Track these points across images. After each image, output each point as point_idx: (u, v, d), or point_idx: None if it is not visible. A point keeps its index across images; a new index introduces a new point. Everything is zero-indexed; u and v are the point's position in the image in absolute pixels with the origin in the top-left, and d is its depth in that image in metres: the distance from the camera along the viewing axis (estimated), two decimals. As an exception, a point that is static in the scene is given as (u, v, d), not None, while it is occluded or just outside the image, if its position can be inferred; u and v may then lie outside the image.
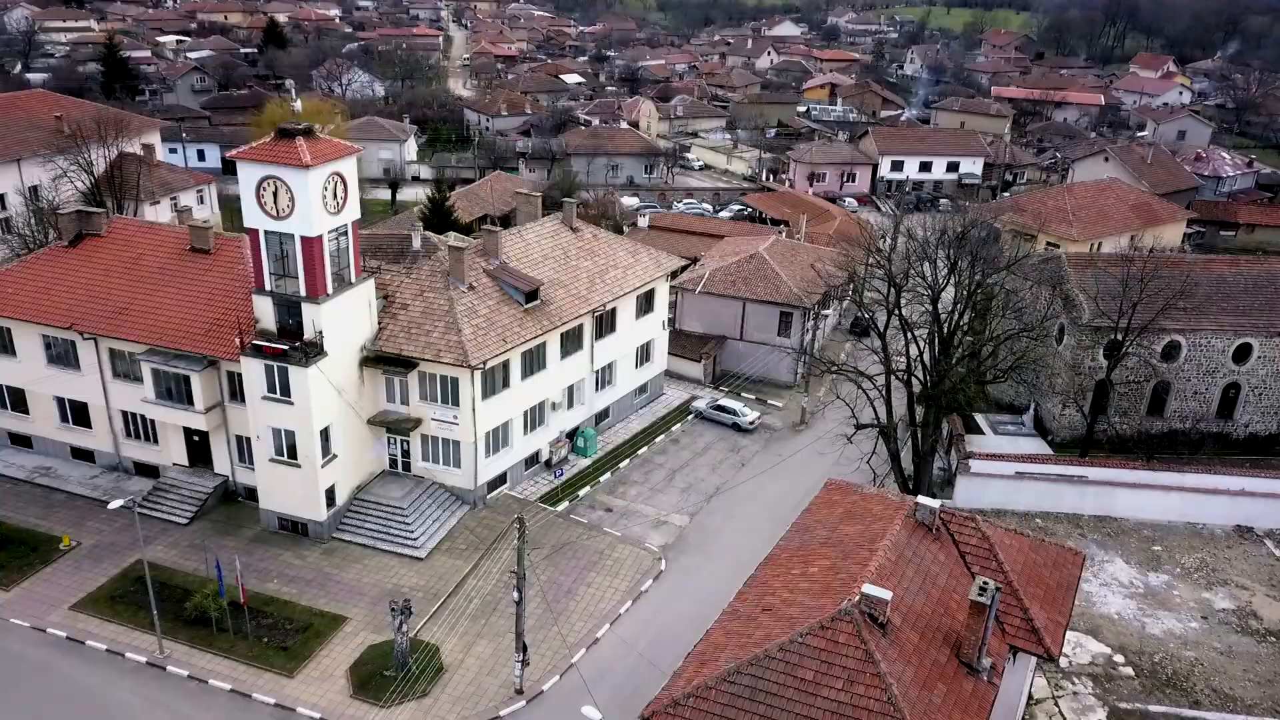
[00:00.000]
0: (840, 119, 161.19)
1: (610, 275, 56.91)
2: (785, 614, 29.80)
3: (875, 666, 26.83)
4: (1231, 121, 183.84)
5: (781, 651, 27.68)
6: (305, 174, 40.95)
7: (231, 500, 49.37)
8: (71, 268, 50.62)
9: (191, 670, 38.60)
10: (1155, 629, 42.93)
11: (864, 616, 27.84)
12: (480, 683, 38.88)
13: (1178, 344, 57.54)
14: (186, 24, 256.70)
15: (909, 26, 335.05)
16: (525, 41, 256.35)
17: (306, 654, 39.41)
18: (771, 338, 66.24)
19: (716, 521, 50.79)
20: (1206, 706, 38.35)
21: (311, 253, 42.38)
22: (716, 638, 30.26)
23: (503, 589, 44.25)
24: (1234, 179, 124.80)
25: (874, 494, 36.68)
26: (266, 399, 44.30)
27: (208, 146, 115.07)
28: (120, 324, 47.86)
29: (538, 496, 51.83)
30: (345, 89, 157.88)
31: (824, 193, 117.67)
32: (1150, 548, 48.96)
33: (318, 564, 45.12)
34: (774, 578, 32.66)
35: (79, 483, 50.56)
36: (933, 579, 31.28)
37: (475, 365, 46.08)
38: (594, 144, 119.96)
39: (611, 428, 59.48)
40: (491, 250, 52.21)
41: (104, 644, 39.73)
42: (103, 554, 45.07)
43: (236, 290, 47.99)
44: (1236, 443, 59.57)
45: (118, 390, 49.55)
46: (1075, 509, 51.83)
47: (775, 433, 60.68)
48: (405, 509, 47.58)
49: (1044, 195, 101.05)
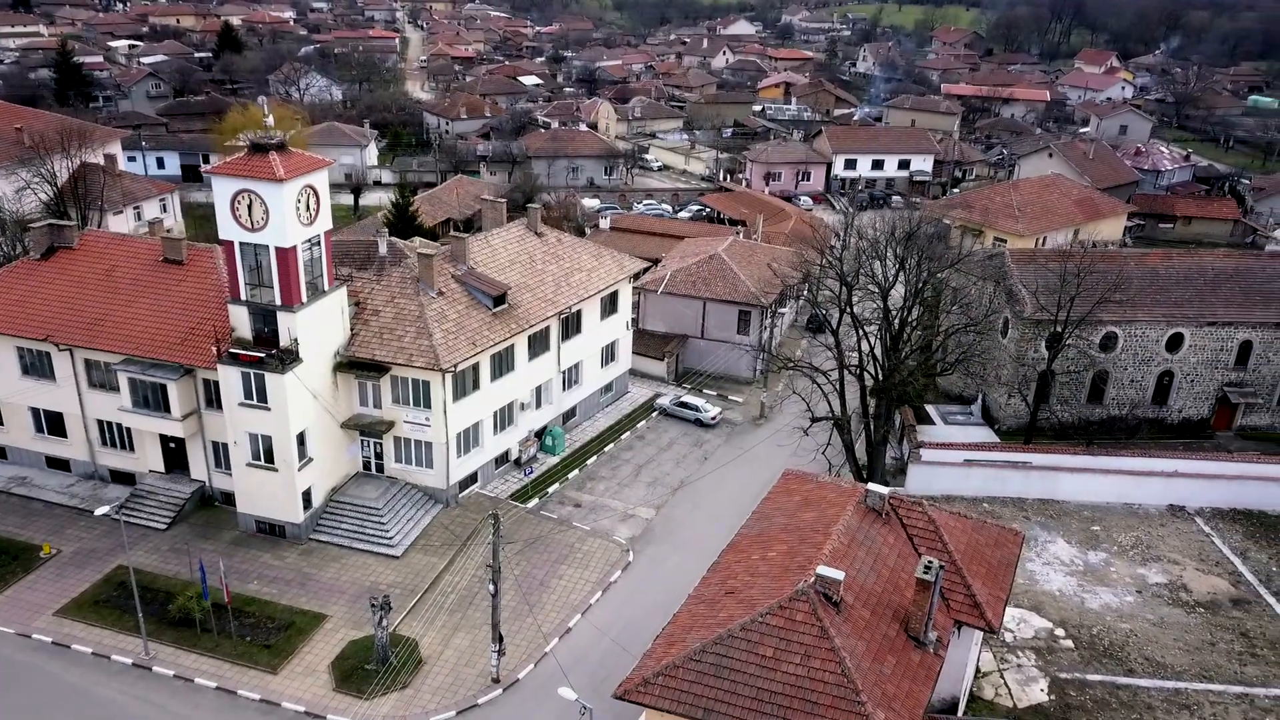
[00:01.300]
0: (795, 118, 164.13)
1: (575, 278, 58.78)
2: (747, 595, 31.97)
3: (830, 642, 29.05)
4: (1171, 115, 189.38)
5: (744, 630, 29.83)
6: (279, 187, 42.38)
7: (209, 505, 50.62)
8: (44, 280, 51.50)
9: (177, 670, 39.97)
10: (1094, 604, 45.69)
11: (819, 596, 30.08)
12: (459, 673, 40.64)
13: (1114, 335, 60.60)
14: (138, 28, 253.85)
15: (862, 24, 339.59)
16: (482, 43, 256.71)
17: (289, 651, 40.92)
18: (731, 336, 68.49)
19: (681, 513, 52.88)
20: (1140, 674, 41.08)
21: (286, 263, 43.81)
22: (683, 620, 32.36)
23: (478, 583, 46.02)
24: (1172, 172, 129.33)
25: (829, 483, 38.99)
26: (244, 405, 45.64)
27: (167, 154, 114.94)
28: (96, 335, 48.91)
29: (509, 494, 53.61)
30: (304, 94, 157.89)
31: (780, 192, 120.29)
32: (1090, 528, 51.83)
33: (296, 564, 46.57)
34: (735, 562, 34.82)
35: (56, 491, 51.51)
36: (883, 560, 33.61)
37: (446, 369, 47.75)
38: (554, 147, 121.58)
39: (579, 426, 61.35)
40: (459, 256, 53.86)
41: (90, 647, 40.94)
42: (84, 560, 46.17)
43: (210, 300, 49.26)
44: (1171, 427, 62.84)
45: (94, 400, 50.58)
46: (1020, 493, 54.58)
47: (736, 427, 62.93)
48: (381, 509, 49.14)
49: (991, 191, 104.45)
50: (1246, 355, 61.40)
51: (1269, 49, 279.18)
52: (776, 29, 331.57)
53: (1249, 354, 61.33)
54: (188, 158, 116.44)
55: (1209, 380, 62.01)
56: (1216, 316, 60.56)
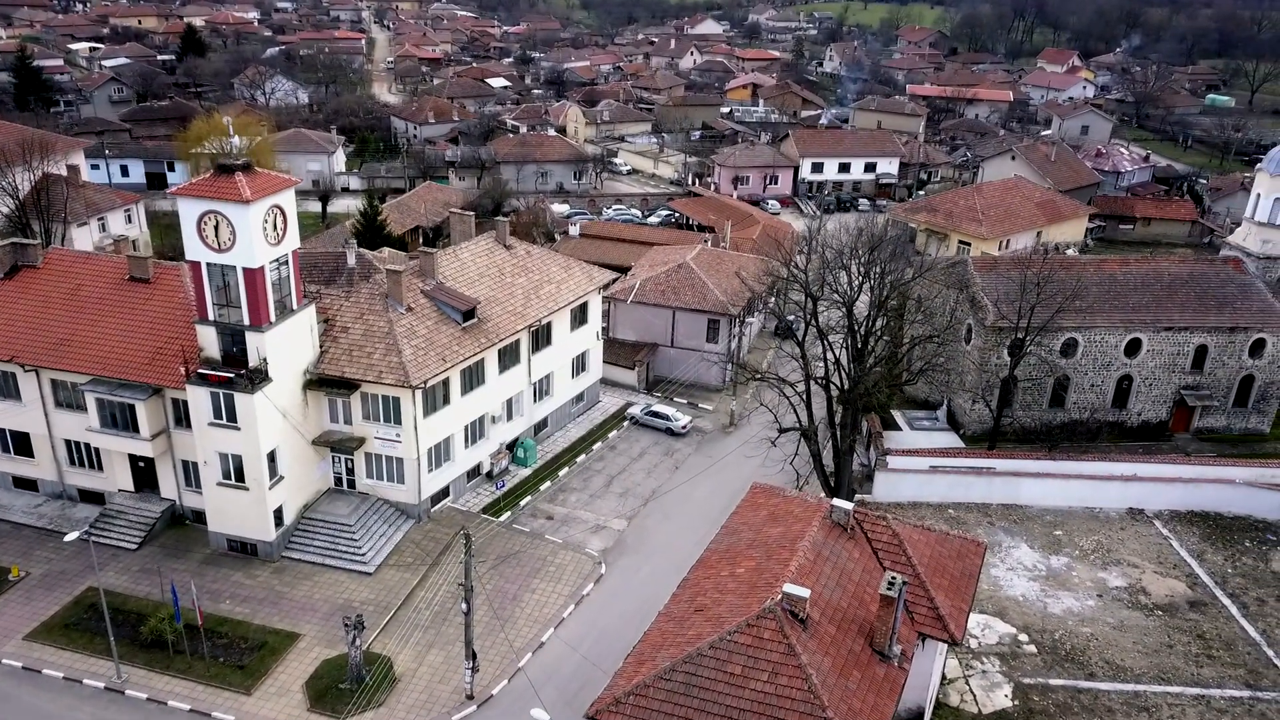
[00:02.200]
0: (762, 120, 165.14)
1: (545, 290, 59.14)
2: (715, 613, 32.56)
3: (797, 659, 29.71)
4: (1131, 115, 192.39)
5: (712, 649, 30.43)
6: (245, 209, 42.40)
7: (179, 524, 50.53)
8: (8, 300, 51.11)
9: (150, 693, 39.99)
10: (1056, 608, 46.77)
11: (786, 613, 30.73)
12: (433, 690, 40.95)
13: (1075, 341, 61.82)
14: (99, 29, 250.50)
15: (828, 23, 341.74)
16: (450, 44, 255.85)
17: (263, 671, 41.05)
18: (701, 344, 69.13)
19: (653, 524, 53.44)
20: (1101, 677, 42.17)
21: (254, 283, 43.84)
22: (653, 638, 32.89)
23: (451, 599, 46.34)
24: (1132, 173, 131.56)
25: (795, 497, 39.67)
26: (213, 425, 45.64)
27: (131, 162, 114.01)
28: (63, 355, 48.66)
29: (480, 508, 53.91)
30: (269, 97, 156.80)
31: (748, 196, 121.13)
32: (1052, 532, 52.96)
33: (269, 583, 46.64)
34: (704, 579, 35.41)
35: (23, 512, 51.20)
36: (848, 575, 34.33)
37: (416, 385, 47.99)
38: (523, 152, 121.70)
39: (550, 437, 61.75)
40: (428, 271, 54.06)
41: (61, 671, 40.86)
42: (53, 583, 45.99)
43: (178, 319, 49.13)
44: (1130, 430, 64.17)
45: (61, 419, 50.32)
46: (984, 498, 55.63)
47: (706, 435, 63.59)
48: (352, 525, 49.30)
49: (955, 195, 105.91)
50: (1203, 359, 62.83)
51: (1225, 47, 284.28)
52: (744, 28, 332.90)
53: (1205, 358, 62.75)
54: (152, 165, 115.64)
55: (1167, 384, 63.41)
56: (1173, 322, 61.94)
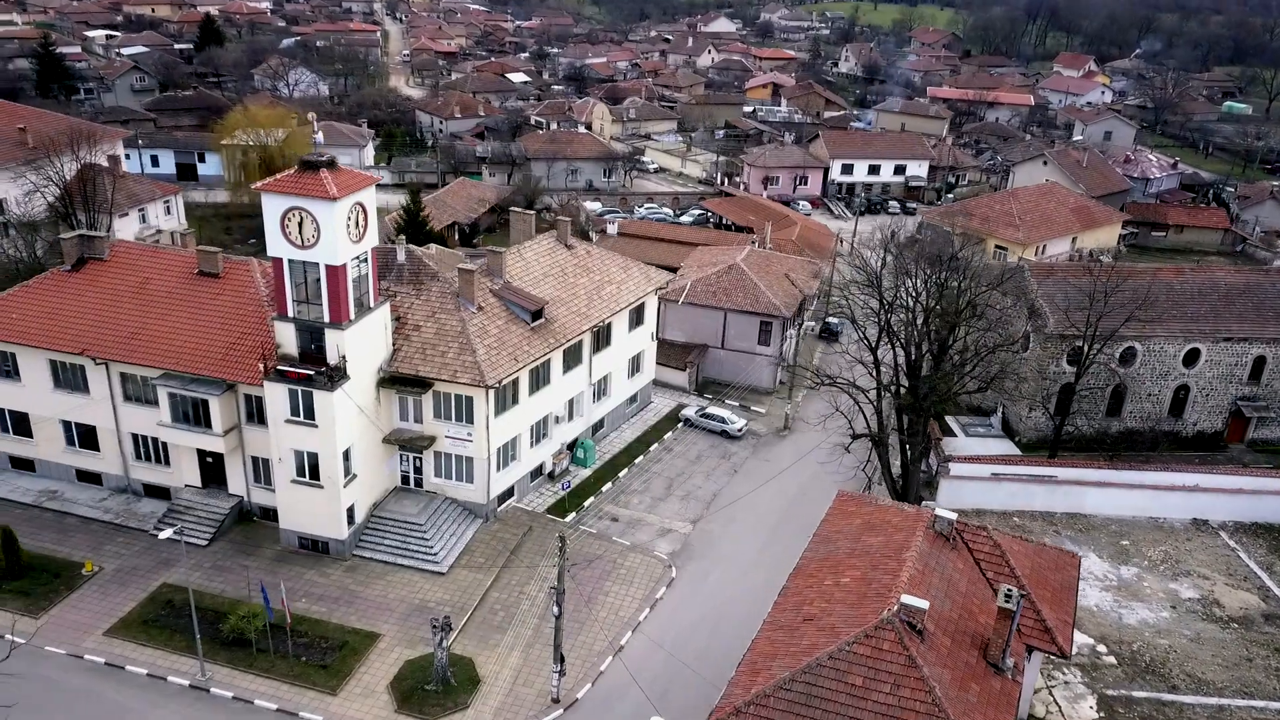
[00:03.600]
0: (786, 120, 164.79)
1: (606, 291, 58.93)
2: (826, 623, 32.39)
3: (919, 671, 29.54)
4: (1151, 121, 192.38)
5: (831, 660, 30.24)
6: (331, 206, 42.14)
7: (247, 520, 50.28)
8: (77, 292, 50.81)
9: (235, 691, 39.76)
10: (1131, 619, 46.67)
11: (904, 625, 30.55)
12: (516, 693, 40.77)
13: (1134, 349, 61.75)
14: (112, 17, 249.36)
15: (840, 23, 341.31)
16: (464, 37, 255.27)
17: (346, 671, 40.84)
18: (752, 346, 68.95)
19: (717, 528, 53.25)
20: (1183, 690, 42.06)
21: (336, 280, 43.58)
22: (763, 646, 32.69)
23: (525, 600, 46.27)
24: (1160, 180, 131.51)
25: (888, 505, 39.52)
26: (290, 422, 45.36)
27: (161, 152, 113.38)
28: (134, 349, 48.35)
29: (545, 508, 53.72)
30: (292, 89, 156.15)
31: (777, 196, 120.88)
32: (1119, 542, 52.87)
33: (342, 581, 46.41)
34: (806, 587, 35.22)
35: (89, 506, 50.90)
36: (955, 586, 34.18)
37: (491, 385, 47.78)
38: (553, 148, 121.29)
39: (606, 437, 61.55)
40: (496, 270, 53.83)
41: (144, 668, 40.61)
42: (126, 578, 45.72)
43: (250, 314, 48.90)
44: (1186, 440, 64.16)
45: (129, 413, 50.02)
46: (1047, 507, 55.49)
47: (761, 438, 63.42)
48: (423, 524, 49.07)
49: (990, 200, 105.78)
50: (1260, 370, 62.79)
51: (1239, 54, 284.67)
52: (756, 27, 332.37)
53: (1263, 369, 62.71)
54: (182, 156, 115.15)
55: (1223, 394, 63.37)
56: (1232, 332, 61.91)
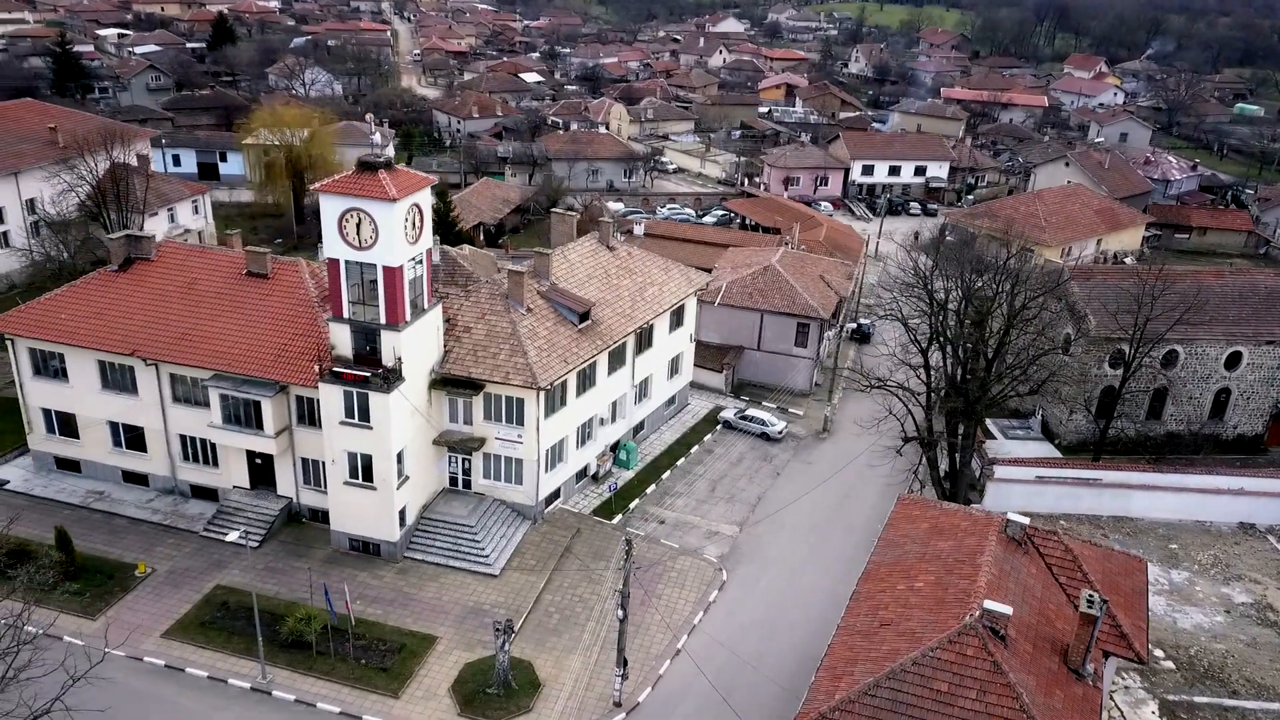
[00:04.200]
0: (802, 120, 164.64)
1: (649, 292, 58.79)
2: (905, 628, 32.25)
3: (1005, 677, 29.40)
4: (1164, 123, 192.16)
5: (915, 665, 30.10)
6: (390, 207, 42.01)
7: (296, 521, 50.12)
8: (125, 293, 50.65)
9: (297, 694, 39.58)
10: (1185, 623, 46.58)
11: (987, 630, 30.41)
12: (578, 696, 40.60)
13: (1176, 352, 61.61)
14: (122, 15, 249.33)
15: (847, 24, 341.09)
16: (473, 37, 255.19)
17: (407, 674, 40.67)
18: (789, 348, 68.79)
19: (764, 531, 53.07)
20: (1244, 695, 41.99)
21: (393, 282, 43.44)
22: (841, 652, 32.57)
23: (579, 602, 46.13)
24: (1180, 182, 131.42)
25: (953, 509, 39.37)
26: (344, 424, 45.19)
27: (183, 151, 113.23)
28: (184, 350, 48.18)
29: (591, 510, 53.57)
30: (308, 89, 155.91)
31: (798, 196, 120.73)
32: (1168, 546, 52.76)
33: (395, 584, 46.25)
34: (879, 592, 35.08)
35: (136, 507, 50.74)
36: (1030, 591, 34.05)
37: (543, 387, 47.63)
38: (574, 149, 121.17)
39: (646, 439, 61.37)
40: (543, 272, 53.67)
41: (204, 671, 40.46)
42: (179, 580, 45.56)
43: (300, 315, 48.76)
44: (1226, 443, 64.00)
45: (178, 415, 49.86)
46: (1094, 510, 55.43)
47: (801, 441, 63.26)
48: (474, 526, 48.92)
49: (1016, 201, 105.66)
50: (1301, 373, 62.75)
51: (1248, 56, 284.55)
52: (764, 27, 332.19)
53: (1304, 372, 62.67)
54: (204, 155, 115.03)
55: (1264, 397, 63.23)
56: (1275, 336, 61.75)
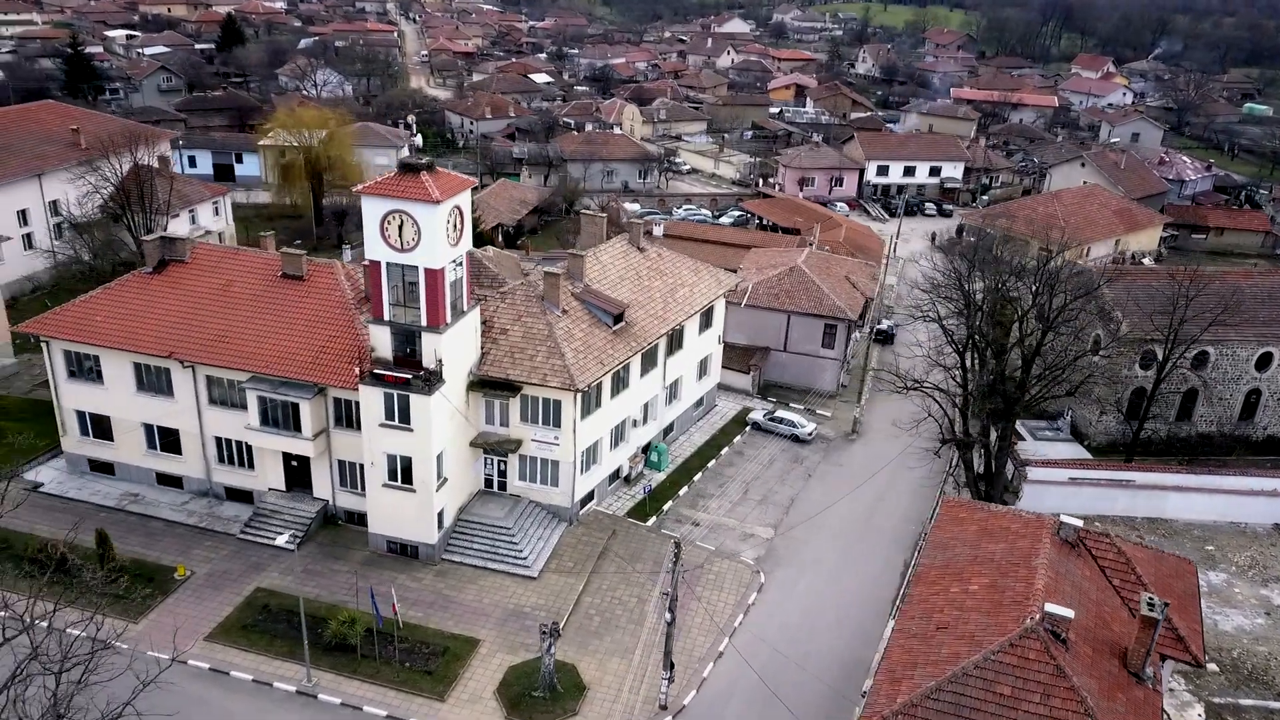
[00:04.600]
0: (813, 121, 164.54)
1: (680, 294, 58.70)
2: (963, 631, 32.13)
3: (1068, 680, 29.27)
4: (1174, 123, 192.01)
5: (977, 668, 29.98)
6: (434, 209, 41.89)
7: (331, 524, 50.02)
8: (160, 295, 50.55)
9: (343, 697, 39.46)
10: (1227, 625, 46.45)
11: (1048, 634, 30.29)
12: (623, 699, 40.49)
13: (1206, 353, 61.49)
14: (129, 17, 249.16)
15: (852, 24, 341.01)
16: (480, 37, 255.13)
17: (451, 677, 40.55)
18: (816, 349, 68.69)
19: (800, 533, 52.92)
20: (1290, 697, 41.90)
21: (435, 284, 43.34)
22: (898, 655, 32.44)
23: (619, 605, 46.00)
24: (1195, 182, 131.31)
25: (1001, 511, 39.26)
26: (384, 426, 45.10)
27: (199, 153, 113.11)
28: (221, 352, 48.08)
29: (625, 511, 53.46)
30: (320, 90, 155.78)
31: (813, 197, 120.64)
32: (1204, 547, 52.63)
33: (434, 586, 46.13)
34: (932, 595, 34.95)
35: (171, 509, 50.63)
36: (1085, 594, 33.92)
37: (581, 388, 47.53)
38: (589, 149, 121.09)
39: (675, 440, 61.26)
40: (576, 273, 53.57)
41: (249, 674, 40.35)
42: (219, 582, 45.45)
43: (337, 317, 48.65)
44: (1256, 444, 63.87)
45: (213, 417, 49.76)
46: (1128, 511, 55.29)
47: (831, 443, 63.14)
48: (511, 528, 48.81)
49: (1034, 202, 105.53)
50: (1332, 374, 62.61)
51: (1254, 56, 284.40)
52: (769, 27, 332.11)
53: (1334, 373, 62.54)
54: (220, 156, 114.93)
55: (1295, 398, 63.19)
56: (1306, 337, 61.70)
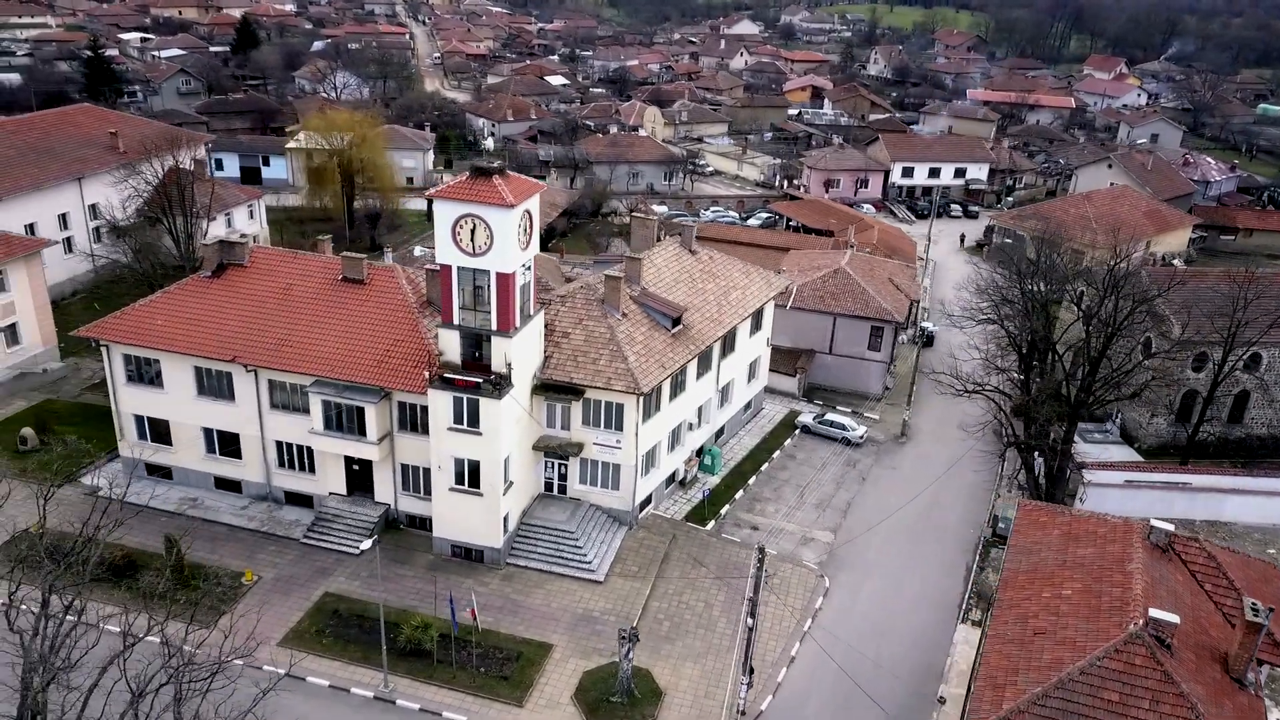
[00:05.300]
0: (832, 122, 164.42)
1: (732, 296, 58.55)
2: (1063, 636, 31.93)
3: (1176, 686, 29.06)
4: (1191, 124, 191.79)
5: (1083, 675, 29.78)
6: (508, 213, 41.76)
7: (394, 528, 49.87)
8: (220, 299, 50.44)
9: (421, 703, 39.34)
10: (1296, 629, 46.18)
11: (1153, 639, 30.10)
12: (700, 705, 40.33)
13: (1259, 355, 61.31)
14: (141, 19, 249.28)
15: (860, 25, 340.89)
16: (491, 39, 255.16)
17: (528, 682, 40.41)
18: (862, 351, 68.52)
19: (859, 537, 52.77)
20: (1369, 702, 41.68)
21: (506, 288, 43.19)
22: (998, 661, 32.22)
23: (686, 610, 45.84)
24: (1220, 183, 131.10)
25: (1084, 515, 39.08)
26: (453, 430, 44.95)
27: (226, 156, 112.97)
28: (285, 356, 47.95)
29: (683, 515, 53.30)
30: (340, 92, 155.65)
31: (839, 199, 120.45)
32: (1265, 551, 52.39)
33: (502, 590, 45.98)
34: (1023, 600, 34.76)
35: (232, 514, 50.50)
36: (1180, 598, 33.73)
37: (645, 391, 47.37)
38: (615, 152, 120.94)
39: (726, 444, 61.10)
40: (634, 277, 53.42)
41: (325, 680, 40.19)
42: (287, 587, 45.31)
43: (400, 321, 48.56)
44: (1307, 446, 63.73)
45: (275, 421, 49.61)
46: (1186, 514, 55.05)
47: (881, 446, 62.97)
48: (574, 532, 48.65)
49: (1065, 203, 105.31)
50: (1383, 376, 62.41)
51: (1265, 57, 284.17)
52: (778, 29, 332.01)
53: (1386, 375, 62.33)
54: (247, 159, 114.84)
55: (1346, 401, 62.99)
56: (1358, 339, 61.45)
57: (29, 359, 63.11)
